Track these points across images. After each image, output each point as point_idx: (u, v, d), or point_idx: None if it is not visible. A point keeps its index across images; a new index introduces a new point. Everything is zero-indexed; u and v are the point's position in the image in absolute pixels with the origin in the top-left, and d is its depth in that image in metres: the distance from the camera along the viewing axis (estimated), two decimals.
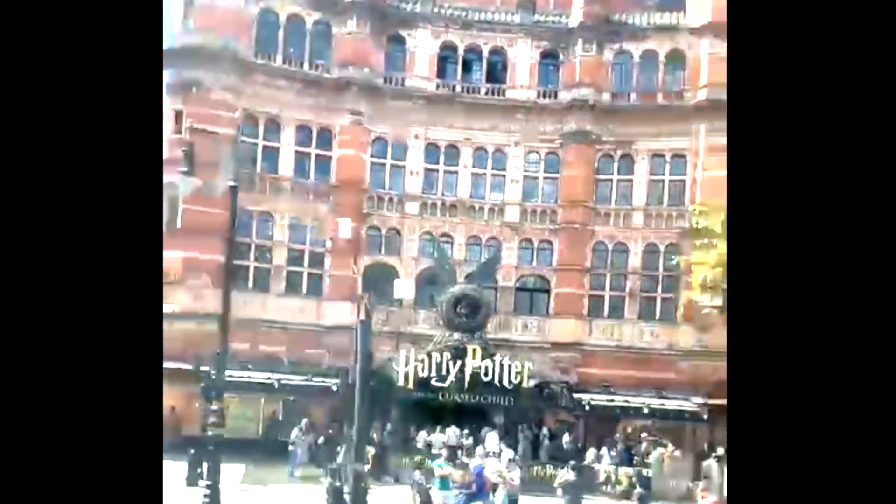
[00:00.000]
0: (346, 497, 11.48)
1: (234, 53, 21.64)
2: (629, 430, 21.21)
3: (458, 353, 17.91)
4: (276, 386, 20.24)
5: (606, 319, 23.78)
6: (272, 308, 22.08)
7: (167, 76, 21.39)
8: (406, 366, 18.18)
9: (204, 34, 21.33)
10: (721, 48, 22.25)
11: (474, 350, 18.00)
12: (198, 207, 20.74)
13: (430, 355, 18.11)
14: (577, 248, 23.69)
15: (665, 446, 19.33)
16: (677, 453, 19.22)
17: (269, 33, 22.61)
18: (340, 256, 22.78)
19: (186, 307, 20.64)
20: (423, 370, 17.89)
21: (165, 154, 20.84)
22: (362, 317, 13.56)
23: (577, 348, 23.06)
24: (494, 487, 12.46)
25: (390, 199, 23.46)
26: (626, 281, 23.83)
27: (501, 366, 17.63)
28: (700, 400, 21.14)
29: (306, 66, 22.96)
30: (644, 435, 20.49)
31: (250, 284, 21.97)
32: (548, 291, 24.05)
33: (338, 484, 12.05)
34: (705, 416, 21.19)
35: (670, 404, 20.96)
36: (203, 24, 21.42)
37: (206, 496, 12.05)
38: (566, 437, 19.73)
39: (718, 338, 21.23)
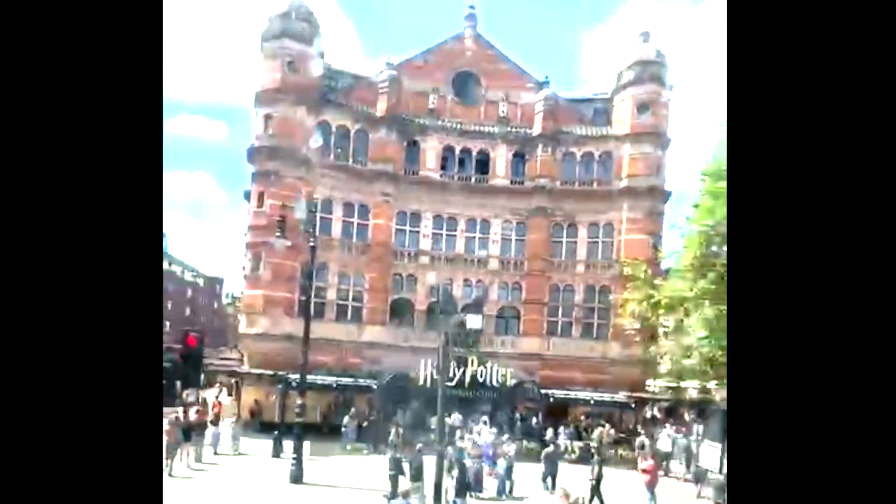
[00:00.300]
0: (404, 464, 12.46)
1: (302, 152, 24.53)
2: (577, 415, 23.85)
3: (461, 362, 20.73)
4: (334, 385, 23.07)
5: (559, 338, 26.15)
6: (327, 330, 24.48)
7: (254, 167, 24.90)
8: (425, 371, 21.18)
9: (280, 139, 24.34)
10: (637, 150, 25.96)
11: (472, 360, 20.98)
12: (276, 260, 24.19)
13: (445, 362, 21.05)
14: (538, 289, 26.35)
15: (604, 426, 21.92)
16: (611, 431, 21.89)
17: (325, 138, 25.36)
18: (374, 293, 25.96)
19: (267, 330, 23.88)
20: (436, 374, 20.05)
21: (251, 222, 24.90)
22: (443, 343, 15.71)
23: (539, 358, 25.36)
24: (497, 458, 14.71)
25: (409, 254, 26.15)
26: (573, 311, 26.38)
27: (492, 370, 20.58)
28: (626, 394, 24.15)
29: (350, 160, 25.99)
30: (585, 419, 23.23)
31: (312, 314, 25.31)
32: (518, 318, 26.52)
33: (398, 455, 13.08)
34: (632, 406, 24.26)
35: (606, 397, 23.71)
36: (279, 131, 24.33)
37: (292, 464, 14.04)
38: (534, 420, 22.14)
39: (636, 351, 25.46)
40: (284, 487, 14.12)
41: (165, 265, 68.94)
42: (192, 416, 19.83)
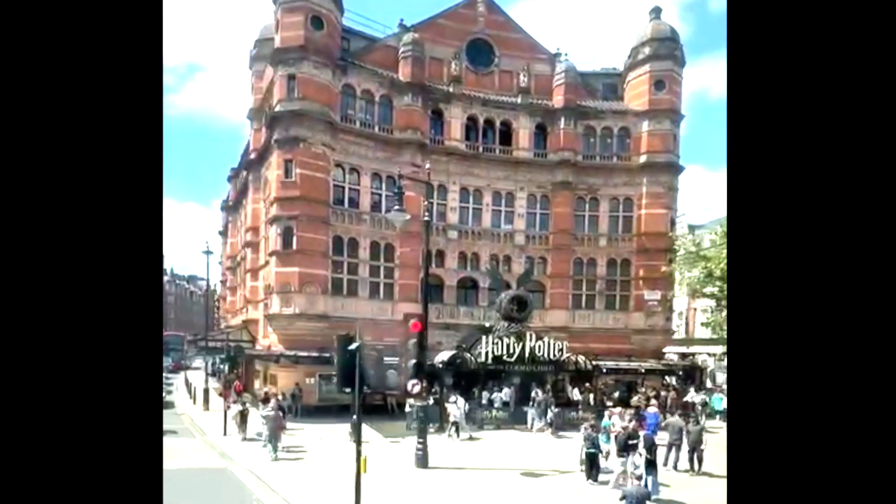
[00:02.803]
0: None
1: (328, 117, 22.72)
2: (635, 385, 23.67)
3: (520, 337, 20.47)
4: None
5: (584, 310, 26.76)
6: (361, 308, 23.62)
7: (277, 133, 22.88)
8: (486, 347, 20.32)
9: (304, 102, 22.27)
10: (655, 126, 26.50)
11: (530, 334, 20.69)
12: (308, 234, 22.70)
13: (500, 339, 20.37)
14: (563, 262, 26.65)
15: (667, 390, 22.26)
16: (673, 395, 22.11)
17: (349, 103, 23.86)
18: (405, 269, 24.87)
19: (304, 310, 22.34)
20: (497, 350, 20.23)
21: (277, 193, 22.83)
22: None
23: (566, 331, 25.68)
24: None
25: (439, 229, 25.08)
26: (595, 284, 26.97)
27: (548, 344, 20.50)
28: (665, 361, 25.28)
29: (376, 128, 24.47)
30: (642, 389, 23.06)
31: (345, 291, 23.58)
32: (544, 292, 26.72)
33: (592, 433, 12.39)
34: (643, 372, 24.76)
35: (656, 365, 24.54)
36: (305, 93, 22.30)
37: (418, 448, 13.16)
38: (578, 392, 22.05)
39: (657, 320, 26.71)
40: (416, 473, 13.31)
41: None
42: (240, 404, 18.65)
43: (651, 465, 11.02)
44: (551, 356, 20.77)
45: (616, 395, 22.32)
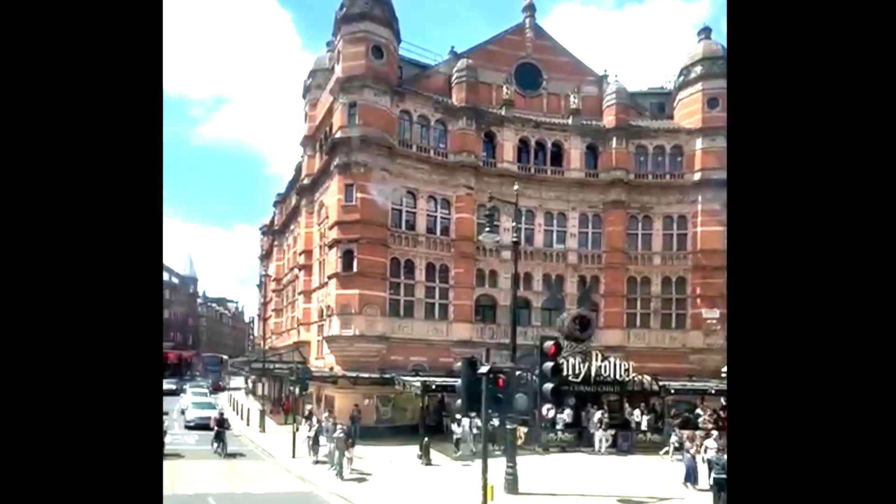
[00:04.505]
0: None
1: (386, 143, 23.35)
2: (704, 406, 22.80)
3: (586, 357, 20.27)
4: (433, 387, 21.29)
5: (639, 329, 26.52)
6: (417, 329, 23.95)
7: (338, 159, 23.57)
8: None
9: (364, 129, 22.94)
10: (709, 144, 26.24)
11: (596, 354, 20.50)
12: (368, 257, 23.10)
13: (566, 359, 19.70)
14: (616, 281, 26.53)
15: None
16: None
17: (406, 128, 24.51)
18: (460, 290, 25.09)
19: (363, 331, 22.61)
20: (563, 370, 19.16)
21: (338, 217, 23.40)
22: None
23: (621, 350, 25.20)
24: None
25: (490, 249, 25.17)
26: (650, 302, 26.71)
27: (614, 365, 20.24)
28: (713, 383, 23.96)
29: (432, 153, 25.12)
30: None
31: (401, 313, 23.93)
32: (597, 311, 26.25)
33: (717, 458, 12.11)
34: (713, 392, 23.79)
35: (691, 386, 23.61)
36: (365, 119, 23.00)
37: (507, 472, 12.82)
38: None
39: (716, 339, 26.13)
40: (510, 500, 13.16)
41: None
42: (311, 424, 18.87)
43: None
44: (617, 376, 20.56)
45: (681, 416, 21.89)
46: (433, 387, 21.48)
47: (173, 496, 13.01)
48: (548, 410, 13.51)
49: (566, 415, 20.74)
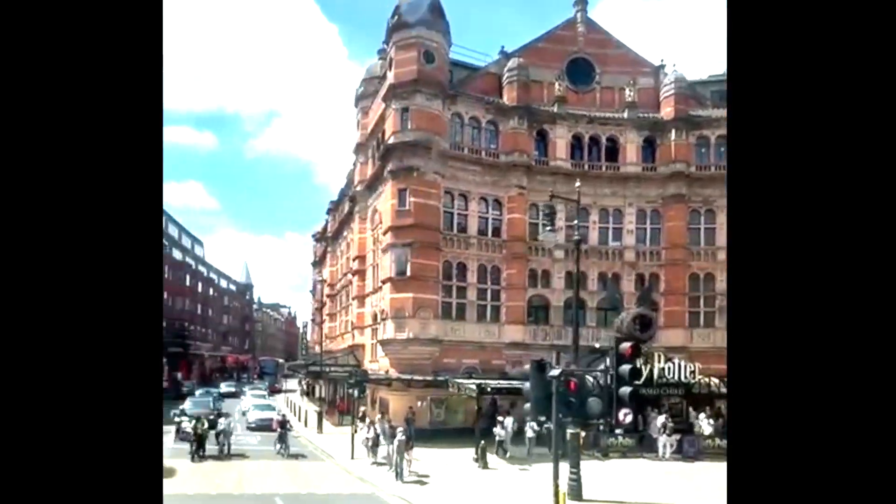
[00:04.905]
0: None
1: (439, 146, 23.39)
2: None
3: (648, 358, 19.39)
4: (489, 389, 20.95)
5: (702, 328, 25.37)
6: (469, 331, 23.82)
7: (391, 164, 23.78)
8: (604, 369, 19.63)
9: (417, 133, 23.12)
10: None
11: (658, 355, 19.77)
12: (421, 261, 23.09)
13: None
14: (678, 278, 25.49)
15: None
16: None
17: (457, 130, 24.55)
18: (512, 291, 24.77)
19: (417, 334, 22.68)
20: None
21: (392, 222, 23.66)
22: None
23: (684, 350, 24.21)
24: None
25: (543, 249, 24.85)
26: (715, 300, 25.49)
27: (679, 366, 19.40)
28: None
29: (483, 154, 25.02)
30: None
31: (454, 315, 23.87)
32: (657, 309, 24.88)
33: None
34: None
35: None
36: (418, 124, 23.15)
37: (571, 478, 12.14)
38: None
39: None
40: None
41: (203, 271, 67.65)
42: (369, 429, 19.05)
43: None
44: (682, 378, 19.71)
45: None
46: (489, 389, 21.18)
47: (242, 496, 13.42)
48: (625, 415, 12.96)
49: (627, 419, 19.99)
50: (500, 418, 19.74)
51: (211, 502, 12.93)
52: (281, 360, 72.21)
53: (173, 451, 19.14)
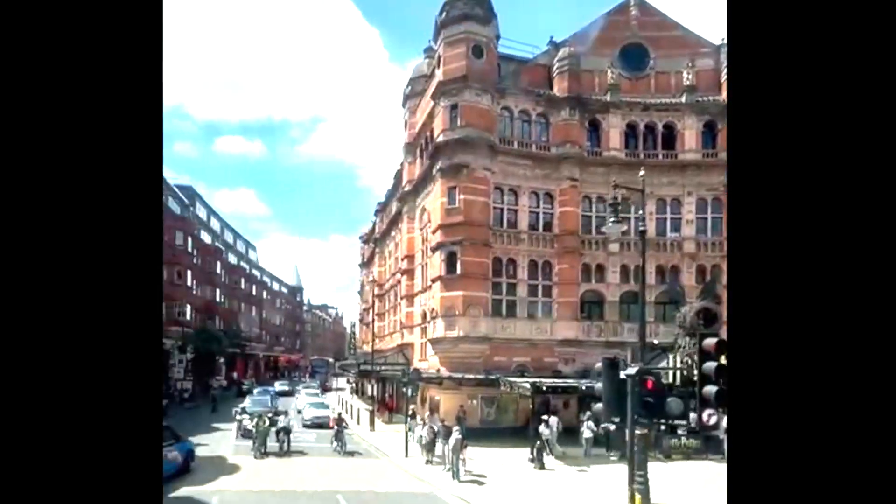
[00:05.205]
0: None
1: (488, 142, 23.09)
2: None
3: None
4: (544, 388, 20.61)
5: None
6: (520, 329, 23.37)
7: (441, 162, 23.60)
8: (673, 367, 19.38)
9: (466, 130, 22.86)
10: None
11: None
12: (471, 258, 22.75)
13: (689, 357, 19.18)
14: None
15: None
16: None
17: (506, 125, 24.14)
18: (564, 287, 24.19)
19: (467, 332, 22.44)
20: (688, 370, 18.96)
21: (441, 220, 23.54)
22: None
23: None
24: None
25: (596, 242, 24.28)
26: None
27: None
28: None
29: (534, 147, 24.48)
30: None
31: (504, 313, 23.44)
32: (720, 303, 24.92)
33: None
34: None
35: None
36: (467, 120, 22.86)
37: (639, 482, 10.98)
38: None
39: None
40: None
41: (258, 275, 69.86)
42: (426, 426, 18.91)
43: None
44: None
45: None
46: (543, 388, 20.78)
47: (305, 493, 13.52)
48: (709, 416, 12.18)
49: (691, 419, 19.03)
50: (544, 417, 19.34)
51: (276, 499, 13.02)
52: (331, 360, 73.67)
53: (236, 447, 19.77)
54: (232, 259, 59.15)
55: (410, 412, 21.60)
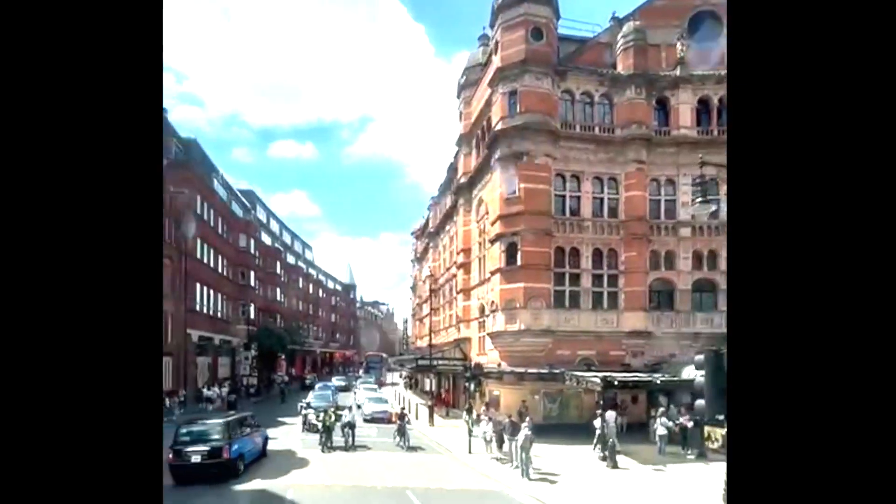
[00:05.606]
0: None
1: (549, 127, 22.18)
2: None
3: None
4: (615, 382, 19.48)
5: None
6: (584, 321, 22.37)
7: (499, 151, 22.93)
8: None
9: (526, 116, 22.04)
10: None
11: None
12: (532, 249, 21.98)
13: None
14: None
15: None
16: None
17: (568, 108, 23.15)
18: (631, 275, 22.93)
19: (529, 325, 21.72)
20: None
21: (501, 210, 22.81)
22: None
23: None
24: None
25: (666, 227, 23.01)
26: None
27: None
28: None
29: (597, 130, 23.26)
30: None
31: (567, 304, 22.47)
32: None
33: None
34: None
35: None
36: (527, 106, 22.08)
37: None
38: None
39: None
40: None
41: (314, 274, 71.44)
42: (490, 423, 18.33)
43: None
44: None
45: None
46: (615, 382, 19.64)
47: (374, 488, 13.24)
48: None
49: None
50: (598, 412, 18.37)
51: (348, 494, 12.81)
52: (385, 355, 74.48)
53: (303, 441, 19.96)
54: (290, 259, 60.66)
55: (467, 407, 21.17)
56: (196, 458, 13.13)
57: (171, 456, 13.09)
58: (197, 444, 13.38)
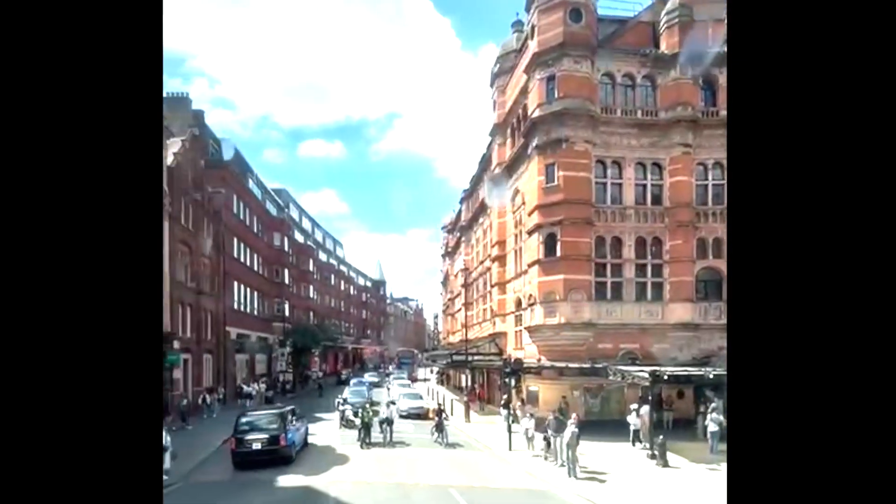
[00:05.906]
0: None
1: (589, 112, 21.33)
2: None
3: None
4: (665, 377, 18.21)
5: None
6: (627, 313, 21.51)
7: (537, 139, 22.15)
8: None
9: (565, 101, 21.23)
10: None
11: None
12: (571, 239, 21.20)
13: None
14: None
15: None
16: None
17: (609, 92, 22.24)
18: (677, 265, 21.87)
19: (569, 318, 20.98)
20: None
21: (539, 200, 21.99)
22: None
23: None
24: None
25: (713, 213, 21.79)
26: None
27: None
28: None
29: (639, 113, 22.26)
30: None
31: (608, 296, 21.61)
32: None
33: None
34: None
35: None
36: (565, 91, 21.27)
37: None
38: None
39: None
40: None
41: (344, 270, 71.82)
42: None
43: None
44: None
45: None
46: (664, 377, 18.45)
47: (417, 485, 12.82)
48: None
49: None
50: (633, 406, 17.58)
51: (390, 492, 12.45)
52: (415, 351, 74.40)
53: (341, 437, 19.78)
54: (322, 257, 61.06)
55: (503, 402, 20.62)
56: (257, 445, 14.53)
57: (233, 444, 14.56)
58: (256, 432, 14.70)
